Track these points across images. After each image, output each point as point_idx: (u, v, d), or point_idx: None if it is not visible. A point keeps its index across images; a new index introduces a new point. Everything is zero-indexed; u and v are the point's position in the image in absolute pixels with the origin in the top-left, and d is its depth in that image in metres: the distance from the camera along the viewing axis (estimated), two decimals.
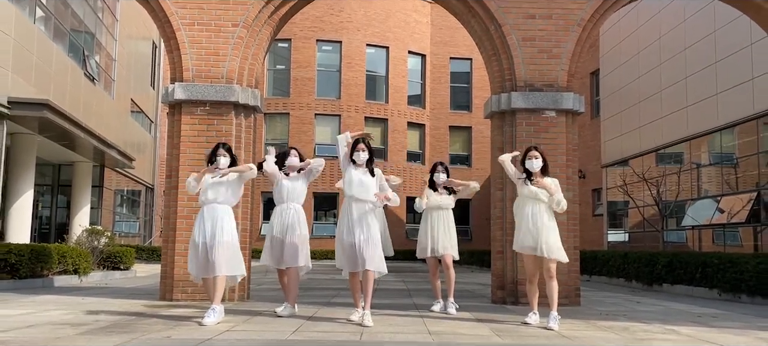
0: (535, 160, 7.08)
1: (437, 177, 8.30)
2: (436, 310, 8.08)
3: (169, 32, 9.53)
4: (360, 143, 7.07)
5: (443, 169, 8.38)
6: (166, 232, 9.45)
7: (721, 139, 18.72)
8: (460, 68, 36.03)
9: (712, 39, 18.54)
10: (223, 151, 7.14)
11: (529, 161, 7.11)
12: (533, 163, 7.07)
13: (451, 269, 8.20)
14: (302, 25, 31.89)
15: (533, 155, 7.11)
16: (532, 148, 7.21)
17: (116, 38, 25.22)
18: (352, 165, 7.06)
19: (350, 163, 7.08)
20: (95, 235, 15.69)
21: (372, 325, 6.54)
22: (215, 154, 7.12)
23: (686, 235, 20.39)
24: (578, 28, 9.59)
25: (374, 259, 6.73)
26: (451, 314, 7.75)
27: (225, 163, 7.10)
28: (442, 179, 8.30)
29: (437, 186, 8.32)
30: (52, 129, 17.28)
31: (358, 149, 7.05)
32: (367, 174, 7.02)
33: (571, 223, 9.36)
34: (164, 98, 9.55)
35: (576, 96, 9.55)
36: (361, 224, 6.80)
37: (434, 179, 8.34)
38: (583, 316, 7.89)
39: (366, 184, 6.94)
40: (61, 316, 7.06)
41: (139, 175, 28.83)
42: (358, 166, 7.05)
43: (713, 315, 8.33)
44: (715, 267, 11.56)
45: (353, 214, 6.86)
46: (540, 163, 7.09)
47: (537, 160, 7.08)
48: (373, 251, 6.74)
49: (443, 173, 8.35)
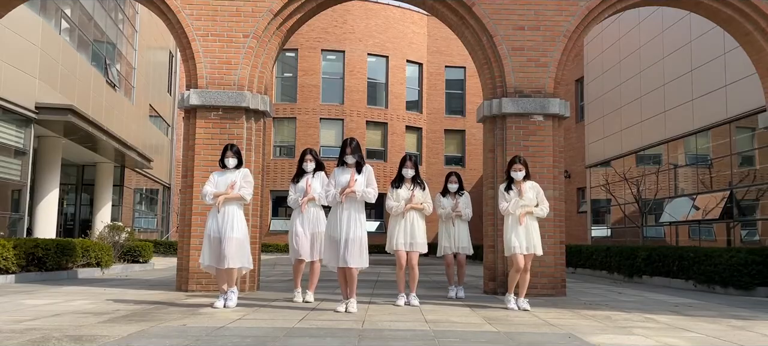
0: (518, 172, 7.47)
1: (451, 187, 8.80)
2: (452, 296, 8.64)
3: (184, 43, 9.53)
4: (348, 146, 6.89)
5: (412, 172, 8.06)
6: (181, 227, 9.45)
7: (696, 142, 18.72)
8: (455, 76, 36.04)
9: (688, 49, 18.54)
10: (230, 153, 7.26)
11: (514, 173, 7.50)
12: (517, 175, 7.48)
13: (463, 267, 8.96)
14: (308, 36, 31.89)
15: (517, 168, 7.48)
16: (517, 161, 7.53)
17: (136, 48, 25.22)
18: (340, 167, 6.92)
19: (340, 166, 6.94)
20: (116, 230, 15.69)
21: (356, 311, 6.67)
22: (225, 156, 7.27)
23: (664, 230, 20.39)
24: (564, 39, 9.60)
25: (355, 256, 6.62)
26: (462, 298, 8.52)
27: (233, 164, 7.25)
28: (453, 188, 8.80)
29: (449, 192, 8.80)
30: (76, 132, 17.29)
31: (347, 153, 6.90)
32: (354, 174, 6.82)
33: (557, 219, 9.37)
34: (180, 104, 9.55)
35: (562, 101, 9.55)
36: (348, 223, 6.66)
37: (449, 188, 8.82)
38: (569, 305, 7.89)
39: (358, 192, 6.74)
40: (85, 305, 7.06)
41: (157, 175, 28.83)
42: (348, 168, 6.90)
43: (689, 304, 8.33)
44: (690, 260, 11.56)
45: (343, 212, 6.71)
46: (523, 174, 7.48)
47: (520, 172, 7.47)
48: (354, 249, 6.61)
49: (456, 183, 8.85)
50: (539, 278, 9.02)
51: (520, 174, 7.46)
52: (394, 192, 7.77)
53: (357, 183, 6.73)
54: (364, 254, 6.73)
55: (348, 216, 6.70)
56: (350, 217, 6.70)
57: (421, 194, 7.75)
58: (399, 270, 7.70)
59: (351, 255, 6.62)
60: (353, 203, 6.76)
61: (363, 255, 6.72)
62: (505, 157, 9.38)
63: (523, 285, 7.45)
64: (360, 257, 6.68)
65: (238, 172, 7.28)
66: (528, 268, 7.41)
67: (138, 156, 22.29)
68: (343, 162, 6.92)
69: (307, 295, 7.69)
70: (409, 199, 7.67)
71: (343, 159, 6.93)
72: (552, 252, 9.22)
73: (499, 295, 9.07)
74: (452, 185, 8.84)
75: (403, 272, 7.70)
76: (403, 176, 7.81)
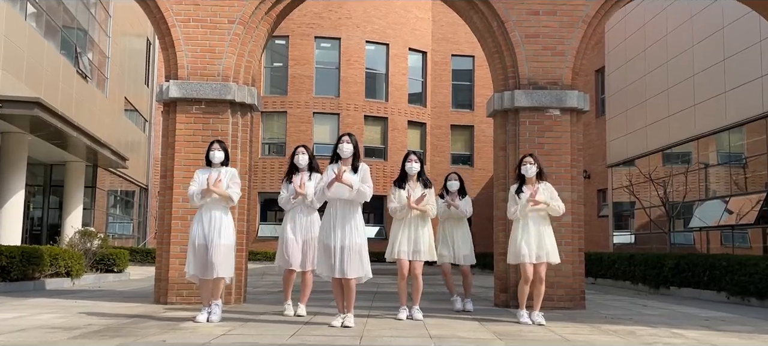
0: (529, 166, 7.47)
1: (451, 185, 8.79)
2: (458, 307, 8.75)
3: (163, 29, 9.53)
4: (345, 136, 6.90)
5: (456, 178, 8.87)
6: (160, 233, 9.45)
7: (729, 139, 18.72)
8: (462, 66, 36.05)
9: (721, 35, 18.54)
10: (217, 146, 7.33)
11: (523, 167, 7.50)
12: (528, 169, 7.46)
13: (468, 277, 9.04)
14: (300, 22, 31.90)
15: (528, 161, 7.50)
16: (528, 155, 7.63)
17: (109, 35, 25.23)
18: (334, 163, 6.87)
19: (333, 162, 6.90)
20: (88, 236, 15.68)
21: (353, 325, 6.64)
22: (211, 149, 7.32)
23: (694, 236, 20.39)
24: (583, 25, 9.60)
25: (354, 266, 6.58)
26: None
27: (219, 158, 7.28)
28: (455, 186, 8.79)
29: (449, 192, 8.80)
30: (44, 128, 17.28)
31: (342, 141, 6.85)
32: (349, 172, 6.77)
33: (575, 224, 9.37)
34: (159, 96, 9.55)
35: (581, 94, 9.56)
36: (343, 227, 6.62)
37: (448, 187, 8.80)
38: (588, 319, 7.90)
39: (347, 181, 6.66)
40: (53, 319, 7.06)
41: (133, 175, 28.84)
42: (343, 163, 6.82)
43: (721, 319, 8.33)
44: (723, 269, 11.56)
45: (337, 216, 6.69)
46: (535, 169, 7.48)
47: (532, 166, 7.47)
48: (352, 257, 6.56)
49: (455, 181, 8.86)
50: (555, 290, 9.02)
51: (532, 169, 7.45)
52: (396, 192, 7.63)
53: (349, 177, 6.66)
54: (365, 262, 6.68)
55: (343, 220, 6.65)
56: (346, 221, 6.64)
57: (426, 193, 7.63)
58: (400, 281, 7.63)
59: (349, 265, 6.59)
60: (348, 205, 6.70)
61: (364, 264, 6.68)
62: (518, 155, 9.37)
63: (538, 297, 7.43)
64: (361, 266, 6.66)
65: (224, 170, 7.29)
66: (542, 277, 7.40)
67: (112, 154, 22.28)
68: (337, 156, 6.87)
69: (300, 308, 7.68)
70: (420, 197, 7.46)
71: (336, 152, 6.88)
72: (570, 261, 9.22)
73: (511, 308, 9.07)
74: (453, 182, 8.78)
75: (405, 282, 7.62)
76: (406, 174, 7.67)
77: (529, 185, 7.46)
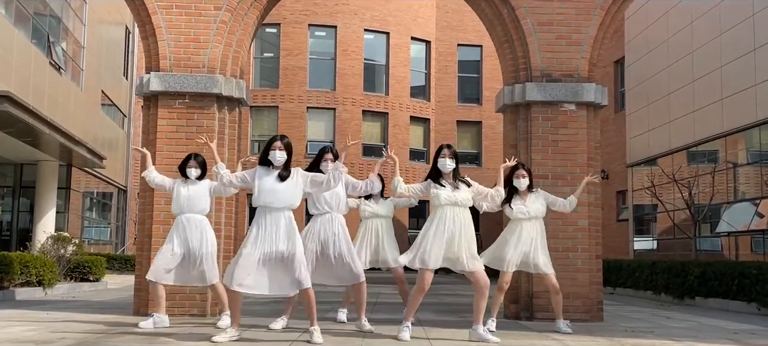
0: (522, 179, 7.93)
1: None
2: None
3: (143, 16, 9.53)
4: (277, 141, 6.78)
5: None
6: (140, 239, 9.45)
7: (760, 136, 18.72)
8: (469, 56, 36.05)
9: (751, 23, 18.53)
10: (194, 163, 7.86)
11: (516, 180, 7.91)
12: (521, 183, 7.92)
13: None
14: (293, 9, 31.89)
15: (521, 175, 7.94)
16: (520, 167, 8.03)
17: (85, 23, 25.22)
18: (260, 168, 6.82)
19: (260, 168, 6.83)
20: (62, 242, 15.68)
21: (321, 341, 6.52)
22: (187, 164, 7.86)
23: (721, 242, 20.38)
24: (601, 12, 9.60)
25: (302, 274, 6.62)
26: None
27: (195, 175, 7.86)
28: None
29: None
30: (13, 124, 17.27)
31: (273, 148, 6.73)
32: (279, 180, 6.70)
33: (592, 229, 9.37)
34: (139, 90, 9.56)
35: (598, 87, 9.56)
36: (286, 236, 6.59)
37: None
38: (606, 332, 7.90)
39: (278, 190, 6.66)
40: (24, 333, 7.06)
41: (111, 175, 28.83)
42: (272, 168, 6.76)
43: (751, 332, 8.34)
44: (753, 278, 11.56)
45: (270, 225, 6.63)
46: (526, 182, 7.95)
47: (524, 180, 7.94)
48: (299, 266, 6.61)
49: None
50: (571, 300, 9.01)
51: (525, 182, 7.93)
52: (437, 190, 6.98)
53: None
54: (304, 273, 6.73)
55: (284, 229, 6.67)
56: (287, 231, 6.69)
57: (467, 192, 7.05)
58: (418, 294, 6.99)
59: (300, 274, 6.68)
60: (279, 212, 6.68)
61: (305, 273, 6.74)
62: (530, 153, 9.39)
63: (557, 306, 7.96)
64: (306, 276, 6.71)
65: (202, 183, 7.86)
66: (556, 287, 7.90)
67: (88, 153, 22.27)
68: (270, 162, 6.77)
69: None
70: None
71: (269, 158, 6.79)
72: (586, 268, 9.23)
73: (523, 320, 9.08)
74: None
75: (422, 296, 7.05)
76: (439, 170, 7.09)
77: (522, 196, 7.95)
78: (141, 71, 30.89)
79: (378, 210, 8.69)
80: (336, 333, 7.26)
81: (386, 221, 8.73)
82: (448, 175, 7.06)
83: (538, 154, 9.37)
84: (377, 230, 8.66)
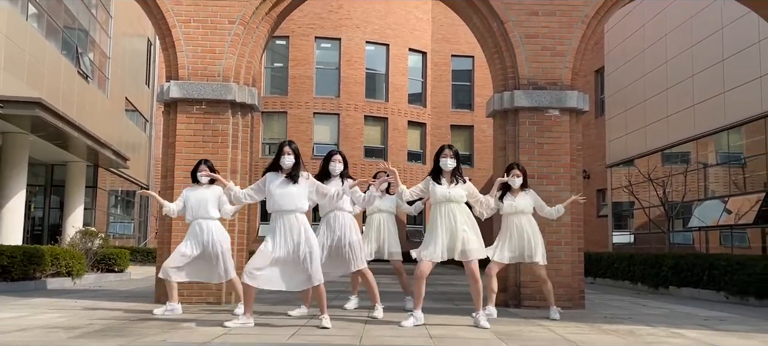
0: (516, 178, 7.95)
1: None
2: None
3: (164, 29, 9.53)
4: (285, 147, 6.80)
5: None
6: (161, 233, 9.45)
7: (728, 139, 18.71)
8: (462, 66, 36.05)
9: (720, 36, 18.53)
10: (204, 168, 7.83)
11: (511, 179, 7.93)
12: (515, 181, 7.94)
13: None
14: (300, 22, 31.88)
15: (515, 174, 7.96)
16: (515, 167, 8.06)
17: (110, 35, 25.22)
18: (270, 175, 6.87)
19: (270, 174, 6.89)
20: (89, 236, 15.67)
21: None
22: (198, 170, 7.84)
23: (693, 236, 20.38)
24: (582, 25, 9.60)
25: (316, 271, 6.63)
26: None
27: (206, 180, 7.84)
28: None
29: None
30: (45, 128, 17.28)
31: (283, 153, 6.78)
32: (289, 183, 6.75)
33: (575, 224, 9.38)
34: (159, 97, 9.55)
35: (580, 94, 9.55)
36: (301, 238, 6.61)
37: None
38: (588, 319, 7.90)
39: (289, 193, 6.70)
40: (54, 319, 7.07)
41: (134, 175, 28.83)
42: (282, 172, 6.80)
43: (720, 318, 8.33)
44: (722, 269, 11.56)
45: (285, 227, 6.65)
46: (520, 181, 7.97)
47: (518, 179, 7.95)
48: (313, 264, 6.62)
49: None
50: (555, 289, 8.96)
51: (518, 181, 7.94)
52: (434, 187, 7.01)
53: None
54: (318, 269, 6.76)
55: (296, 232, 6.69)
56: (299, 233, 6.72)
57: (460, 189, 7.01)
58: (419, 280, 6.94)
59: (315, 272, 6.70)
60: (291, 215, 6.70)
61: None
62: (518, 155, 9.38)
63: (548, 294, 8.05)
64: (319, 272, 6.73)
65: (211, 189, 7.83)
66: (544, 278, 8.00)
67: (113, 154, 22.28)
68: (281, 166, 6.83)
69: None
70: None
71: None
72: (569, 260, 9.23)
73: (511, 308, 9.08)
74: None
75: (423, 282, 6.99)
76: (441, 169, 7.04)
77: (514, 194, 7.96)
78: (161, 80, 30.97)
79: (381, 206, 8.71)
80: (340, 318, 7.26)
81: (389, 215, 8.78)
82: (447, 173, 7.07)
83: (525, 156, 9.37)
84: (380, 224, 8.70)
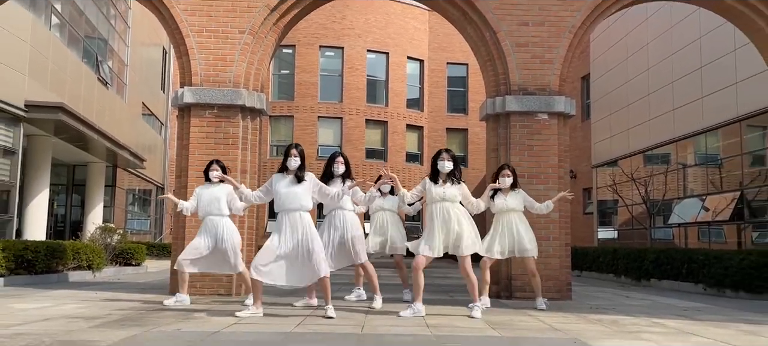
0: (506, 178, 7.89)
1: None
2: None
3: (178, 39, 9.54)
4: (292, 149, 6.77)
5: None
6: (175, 229, 9.46)
7: (706, 141, 18.72)
8: (457, 73, 36.03)
9: (698, 45, 18.54)
10: (216, 166, 7.83)
11: (502, 179, 7.87)
12: (505, 181, 7.88)
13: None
14: (306, 32, 31.87)
15: (506, 174, 7.90)
16: (506, 168, 8.00)
17: (128, 44, 25.21)
18: (276, 176, 6.81)
19: (277, 175, 6.82)
20: (108, 232, 15.68)
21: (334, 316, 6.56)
22: (210, 168, 7.85)
23: (673, 232, 20.38)
24: (570, 35, 9.60)
25: (320, 264, 6.64)
26: None
27: (216, 179, 7.83)
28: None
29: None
30: (67, 131, 17.29)
31: (290, 155, 6.72)
32: (295, 183, 6.72)
33: (562, 221, 9.39)
34: (174, 102, 9.56)
35: (567, 99, 9.56)
36: (305, 235, 6.61)
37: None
38: (575, 310, 7.90)
39: (294, 193, 6.68)
40: (76, 309, 7.07)
41: (150, 175, 28.81)
42: (288, 174, 6.76)
43: (698, 309, 8.34)
44: (700, 263, 11.56)
45: (289, 225, 6.65)
46: (510, 180, 7.91)
47: (508, 179, 7.90)
48: (318, 259, 6.64)
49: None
50: (544, 282, 8.99)
51: (509, 180, 7.88)
52: (430, 187, 6.98)
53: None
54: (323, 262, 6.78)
55: (301, 230, 6.69)
56: (304, 231, 6.70)
57: (455, 189, 6.96)
58: (416, 272, 6.95)
59: (318, 264, 6.69)
60: (296, 214, 6.69)
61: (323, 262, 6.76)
62: (509, 156, 9.39)
63: (537, 288, 8.00)
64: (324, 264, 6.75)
65: (222, 186, 7.80)
66: (534, 271, 7.96)
67: (130, 156, 22.28)
68: (287, 167, 6.77)
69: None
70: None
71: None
72: (557, 254, 9.23)
73: (503, 299, 9.08)
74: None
75: (420, 274, 6.96)
76: (438, 171, 7.01)
77: (505, 193, 7.91)
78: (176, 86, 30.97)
79: (383, 204, 8.72)
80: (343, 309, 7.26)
81: (391, 213, 8.76)
82: (443, 174, 7.04)
83: (515, 157, 9.37)
84: (384, 222, 8.69)
